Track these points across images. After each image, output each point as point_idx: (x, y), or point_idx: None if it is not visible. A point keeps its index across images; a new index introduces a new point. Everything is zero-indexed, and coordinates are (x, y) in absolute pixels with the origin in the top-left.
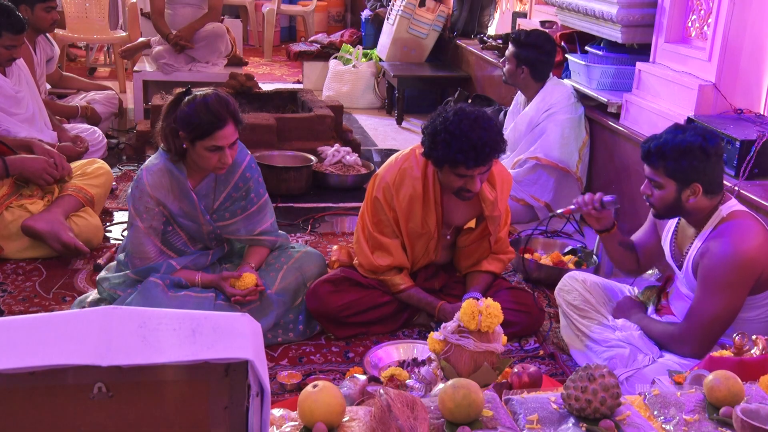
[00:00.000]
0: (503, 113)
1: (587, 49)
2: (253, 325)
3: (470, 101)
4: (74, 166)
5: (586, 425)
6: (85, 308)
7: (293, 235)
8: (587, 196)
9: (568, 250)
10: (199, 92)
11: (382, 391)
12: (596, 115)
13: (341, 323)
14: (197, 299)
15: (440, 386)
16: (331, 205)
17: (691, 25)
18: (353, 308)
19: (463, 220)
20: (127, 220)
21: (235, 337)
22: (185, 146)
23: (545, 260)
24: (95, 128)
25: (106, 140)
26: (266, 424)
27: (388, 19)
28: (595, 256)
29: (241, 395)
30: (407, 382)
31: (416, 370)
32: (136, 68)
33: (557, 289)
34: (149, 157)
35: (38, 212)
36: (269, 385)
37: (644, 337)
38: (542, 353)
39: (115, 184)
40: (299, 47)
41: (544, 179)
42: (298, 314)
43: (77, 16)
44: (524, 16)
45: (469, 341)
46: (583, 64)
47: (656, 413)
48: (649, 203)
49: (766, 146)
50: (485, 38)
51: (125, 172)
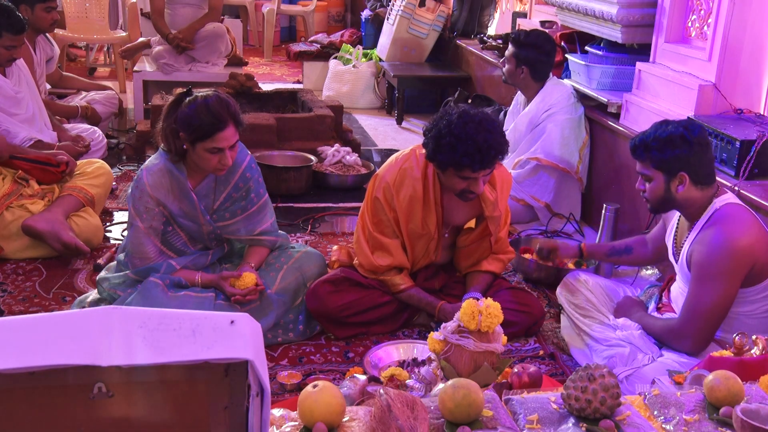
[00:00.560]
0: (503, 113)
1: (587, 49)
2: (253, 325)
3: (470, 101)
4: None
5: (586, 425)
6: (85, 308)
7: (293, 235)
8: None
9: None
10: (200, 93)
11: (382, 391)
12: (596, 115)
13: (341, 323)
14: (197, 299)
15: (440, 386)
16: (331, 205)
17: (691, 25)
18: (353, 308)
19: (463, 220)
20: (127, 220)
21: (235, 337)
22: (185, 147)
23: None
24: (95, 128)
25: (106, 140)
26: (266, 424)
27: (388, 19)
28: None
29: (241, 395)
30: (407, 382)
31: (416, 370)
32: (136, 68)
33: (559, 289)
34: (149, 157)
35: (38, 212)
36: (269, 385)
37: (644, 336)
38: (542, 353)
39: (115, 184)
40: (299, 47)
41: (544, 180)
42: (298, 314)
43: (77, 16)
44: (524, 16)
45: (469, 341)
46: (583, 64)
47: (656, 413)
48: (645, 199)
49: (766, 146)
50: (485, 38)
51: (125, 172)
